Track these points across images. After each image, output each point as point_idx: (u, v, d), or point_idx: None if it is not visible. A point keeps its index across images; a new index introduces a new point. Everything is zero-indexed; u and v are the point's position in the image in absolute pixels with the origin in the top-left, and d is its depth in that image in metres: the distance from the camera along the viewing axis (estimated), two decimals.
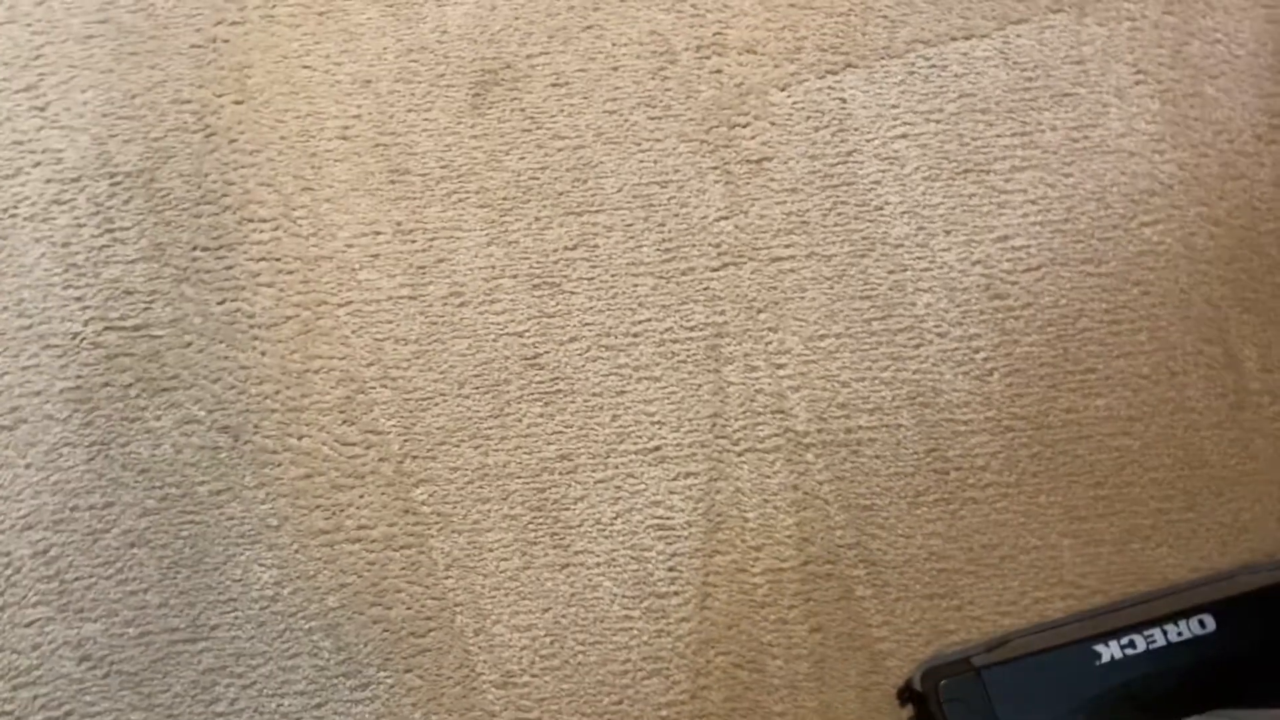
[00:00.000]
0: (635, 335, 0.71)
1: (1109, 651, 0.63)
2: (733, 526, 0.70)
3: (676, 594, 0.69)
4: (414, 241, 0.71)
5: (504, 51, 0.73)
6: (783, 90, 0.73)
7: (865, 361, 0.71)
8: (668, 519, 0.70)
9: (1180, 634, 0.63)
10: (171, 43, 0.74)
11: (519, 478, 0.69)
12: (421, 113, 0.73)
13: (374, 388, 0.70)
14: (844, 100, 0.72)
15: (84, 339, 0.70)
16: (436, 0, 0.73)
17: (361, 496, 0.69)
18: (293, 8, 0.74)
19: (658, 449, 0.70)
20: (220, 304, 0.71)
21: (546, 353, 0.71)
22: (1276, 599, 0.64)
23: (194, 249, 0.71)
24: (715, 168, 0.72)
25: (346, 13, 0.74)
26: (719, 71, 0.73)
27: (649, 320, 0.71)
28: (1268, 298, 0.71)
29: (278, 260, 0.71)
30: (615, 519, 0.69)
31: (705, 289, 0.71)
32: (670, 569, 0.69)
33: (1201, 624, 0.63)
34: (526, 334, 0.71)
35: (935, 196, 0.71)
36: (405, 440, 0.69)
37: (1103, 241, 0.71)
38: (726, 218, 0.72)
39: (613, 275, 0.71)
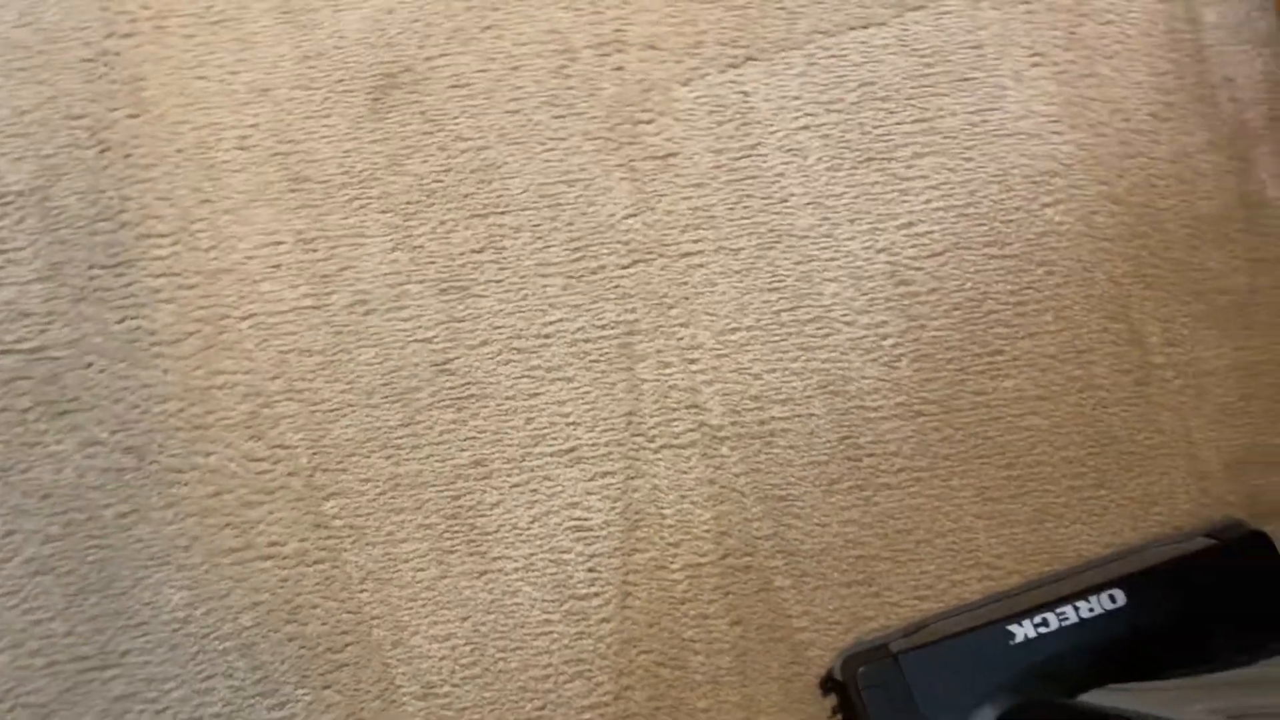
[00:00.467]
0: (547, 336, 0.70)
1: (1023, 631, 0.63)
2: (651, 524, 0.69)
3: (596, 595, 0.68)
4: (316, 250, 0.70)
5: (403, 54, 0.72)
6: (685, 85, 0.72)
7: (776, 353, 0.71)
8: (585, 520, 0.69)
9: (1092, 610, 0.64)
10: (60, 57, 0.72)
11: (433, 486, 0.69)
12: (320, 119, 0.72)
13: (280, 401, 0.69)
14: (746, 94, 0.72)
15: None
16: (332, 5, 0.72)
17: (272, 512, 0.68)
18: (185, 18, 0.72)
19: (573, 450, 0.70)
20: (120, 322, 0.69)
21: (457, 358, 0.70)
22: (1184, 572, 0.65)
23: (91, 267, 0.70)
24: (621, 165, 0.72)
25: (240, 21, 0.72)
26: (621, 68, 0.72)
27: (560, 321, 0.71)
28: (1168, 273, 0.72)
29: (178, 275, 0.70)
30: (532, 523, 0.69)
31: (615, 287, 0.71)
32: (589, 570, 0.69)
33: (1112, 599, 0.64)
34: (435, 340, 0.70)
35: (839, 186, 0.71)
36: (314, 453, 0.68)
37: (1005, 224, 0.72)
38: (634, 215, 0.71)
39: (522, 277, 0.71)
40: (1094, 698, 0.56)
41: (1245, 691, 0.49)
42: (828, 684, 0.66)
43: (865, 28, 0.72)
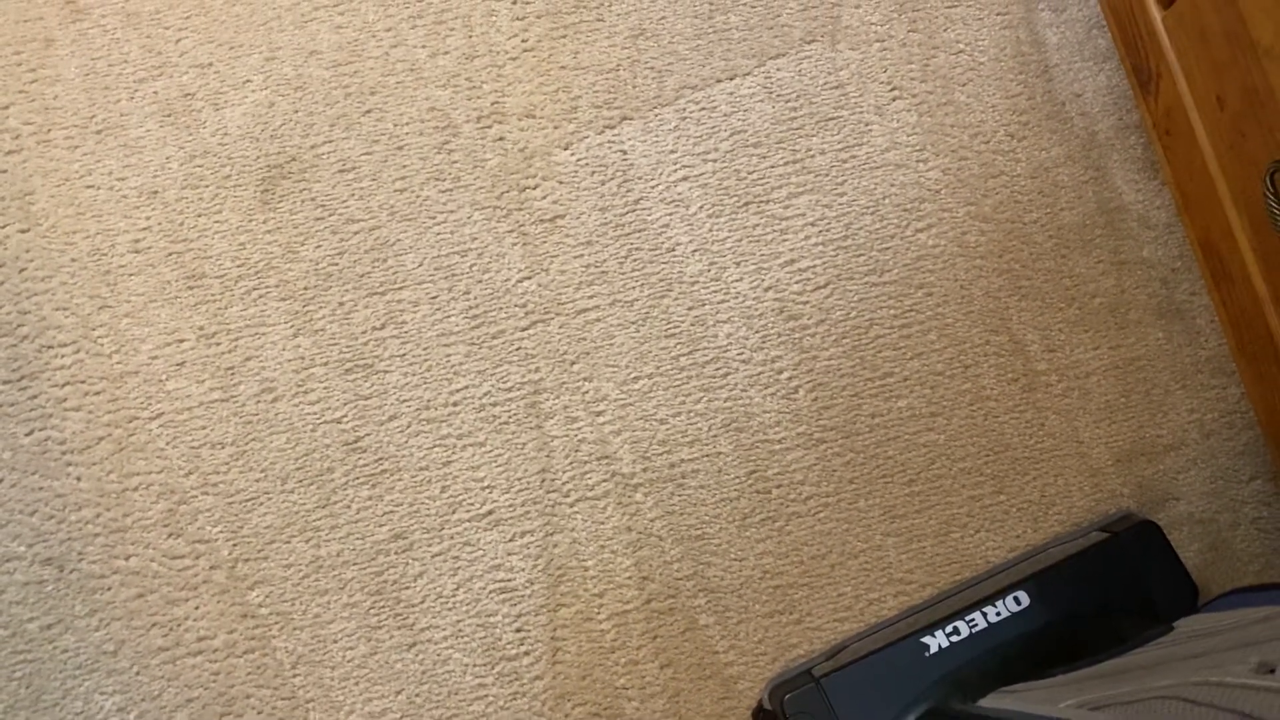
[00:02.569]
0: (454, 404, 0.72)
1: (936, 641, 0.66)
2: (574, 577, 0.71)
3: (527, 654, 0.70)
4: (219, 344, 0.71)
5: (287, 145, 0.74)
6: (566, 149, 0.75)
7: (679, 397, 0.73)
8: (509, 581, 0.70)
9: (999, 613, 0.66)
10: None
11: (354, 564, 0.70)
12: (212, 216, 0.73)
13: (196, 496, 0.69)
14: (625, 152, 0.75)
15: None
16: (213, 104, 0.74)
17: (197, 608, 0.68)
18: (68, 129, 0.73)
19: (491, 513, 0.71)
20: (28, 435, 0.70)
21: (367, 435, 0.71)
22: (1081, 567, 0.68)
23: None
24: (511, 231, 0.74)
25: (124, 127, 0.74)
26: (502, 139, 0.75)
27: (466, 387, 0.72)
28: (1041, 283, 0.75)
29: (83, 382, 0.70)
30: (457, 589, 0.70)
31: (517, 349, 0.73)
32: (518, 630, 0.70)
33: (1017, 601, 0.67)
34: (344, 419, 0.71)
35: (721, 231, 0.74)
36: (234, 544, 0.69)
37: (882, 252, 0.75)
38: (529, 277, 0.74)
39: (424, 349, 0.72)
40: (990, 701, 0.59)
41: (1107, 683, 0.51)
42: (759, 714, 0.68)
43: (731, 79, 0.76)
